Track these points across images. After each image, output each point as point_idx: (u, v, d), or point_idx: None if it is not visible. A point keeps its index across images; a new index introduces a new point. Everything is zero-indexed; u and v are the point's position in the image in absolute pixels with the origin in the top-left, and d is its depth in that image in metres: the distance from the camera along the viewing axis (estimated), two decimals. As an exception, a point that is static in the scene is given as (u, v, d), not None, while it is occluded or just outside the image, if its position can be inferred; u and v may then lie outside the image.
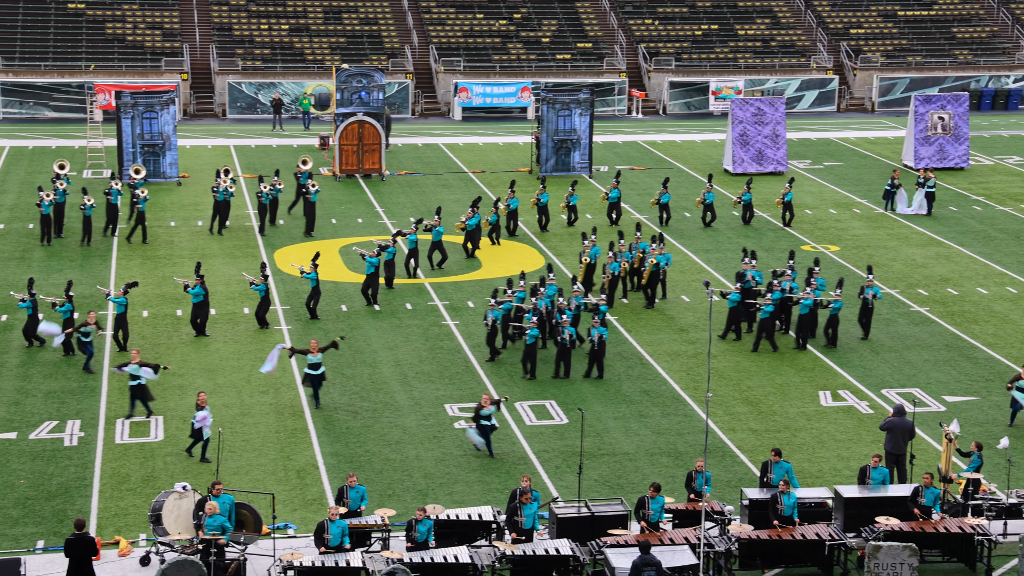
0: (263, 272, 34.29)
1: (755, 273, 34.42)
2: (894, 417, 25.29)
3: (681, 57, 67.32)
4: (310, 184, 42.88)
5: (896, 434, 25.09)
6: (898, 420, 25.18)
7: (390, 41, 66.80)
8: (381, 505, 24.06)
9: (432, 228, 38.77)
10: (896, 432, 25.10)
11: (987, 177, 51.53)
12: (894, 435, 25.11)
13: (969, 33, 69.70)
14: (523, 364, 30.75)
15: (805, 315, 32.77)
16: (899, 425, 25.13)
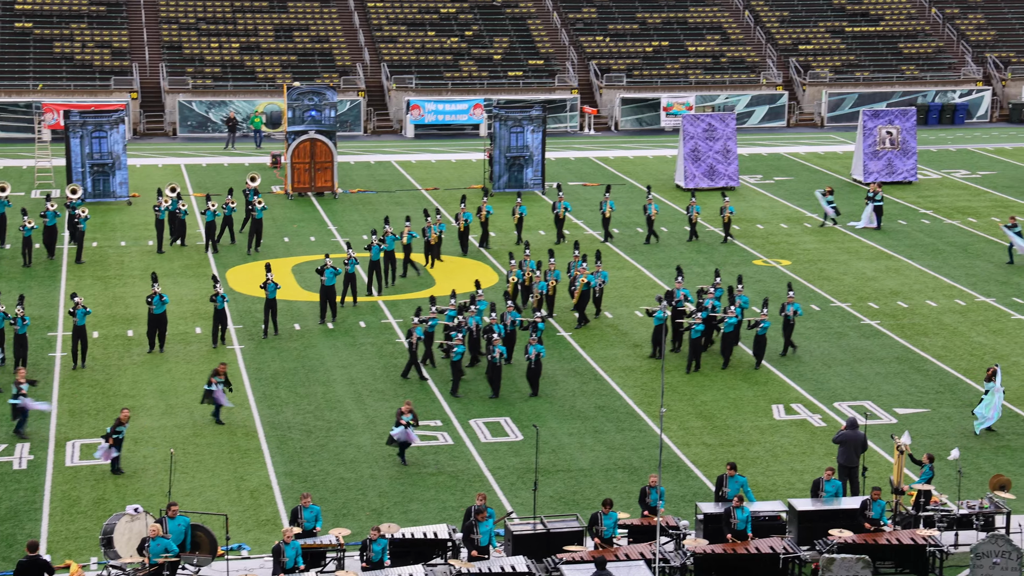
0: (216, 285, 34.18)
1: (685, 292, 34.22)
2: (847, 430, 25.46)
3: (632, 74, 67.66)
4: (256, 201, 42.75)
5: (849, 447, 25.27)
6: (851, 433, 25.37)
7: (341, 59, 66.71)
8: (336, 525, 23.94)
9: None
10: (849, 445, 25.28)
11: (935, 191, 52.08)
12: (847, 448, 25.29)
13: (915, 49, 70.50)
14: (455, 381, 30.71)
15: (729, 334, 32.51)
16: (852, 438, 25.31)
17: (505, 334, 32.54)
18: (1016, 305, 37.46)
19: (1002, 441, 28.33)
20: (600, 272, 35.90)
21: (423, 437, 28.27)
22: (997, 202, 50.02)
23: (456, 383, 30.70)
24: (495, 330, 31.24)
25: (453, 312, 32.21)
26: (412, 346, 31.50)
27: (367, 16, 69.36)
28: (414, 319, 31.72)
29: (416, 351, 31.56)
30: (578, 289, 35.27)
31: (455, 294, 33.59)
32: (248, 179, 45.16)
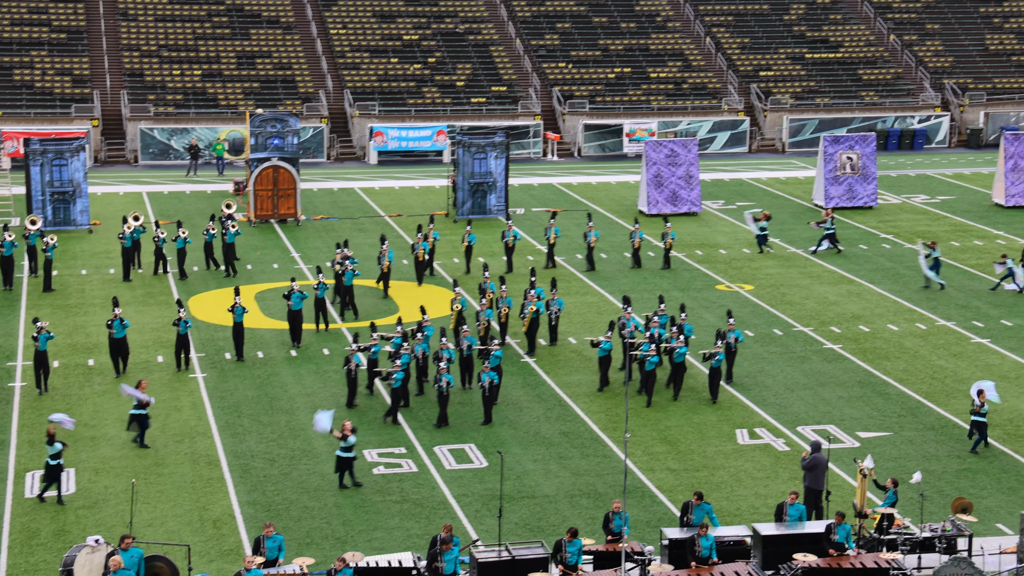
0: (180, 310, 34.04)
1: (635, 322, 33.97)
2: (815, 454, 25.59)
3: (595, 100, 67.95)
4: (229, 225, 42.85)
5: (818, 471, 25.41)
6: (819, 456, 25.51)
7: (304, 86, 66.67)
8: (300, 554, 23.78)
9: None
10: (818, 469, 25.42)
11: (895, 215, 52.49)
12: (817, 472, 25.41)
13: (875, 75, 71.17)
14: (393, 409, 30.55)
15: (680, 364, 32.12)
16: (821, 461, 25.46)
17: (461, 359, 32.53)
18: (976, 329, 37.76)
19: (963, 464, 28.50)
20: (556, 299, 35.79)
21: (387, 465, 28.18)
22: (956, 227, 50.46)
23: (394, 410, 30.52)
24: (446, 355, 31.21)
25: (399, 340, 31.95)
26: (351, 373, 31.31)
27: (330, 43, 69.41)
28: (352, 346, 31.55)
29: (356, 378, 31.37)
30: (527, 316, 35.11)
31: (400, 321, 33.45)
32: (224, 206, 45.22)
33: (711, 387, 32.01)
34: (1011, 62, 72.72)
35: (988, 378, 33.48)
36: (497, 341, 32.18)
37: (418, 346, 32.34)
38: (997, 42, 73.82)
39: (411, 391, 31.86)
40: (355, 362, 31.18)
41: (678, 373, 32.20)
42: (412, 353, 32.23)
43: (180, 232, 42.47)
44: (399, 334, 32.19)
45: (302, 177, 53.77)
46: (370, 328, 33.10)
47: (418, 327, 33.03)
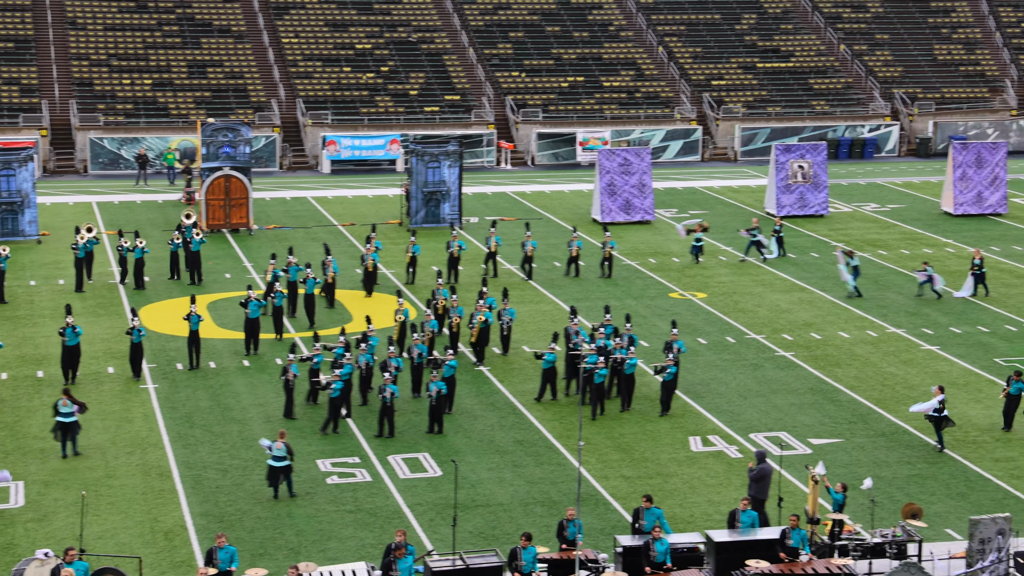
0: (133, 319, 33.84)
1: (581, 331, 33.51)
2: (761, 464, 25.74)
3: (548, 109, 68.10)
4: (194, 232, 43.01)
5: (765, 481, 25.56)
6: (766, 467, 25.68)
7: (256, 95, 66.39)
8: (253, 565, 23.65)
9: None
10: (765, 480, 25.57)
11: (846, 224, 52.90)
12: (763, 483, 25.57)
13: (825, 84, 71.75)
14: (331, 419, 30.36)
15: (630, 376, 31.86)
16: (767, 472, 25.63)
17: (411, 368, 32.45)
18: (926, 336, 38.11)
19: (914, 470, 28.74)
20: (507, 309, 35.73)
21: (341, 475, 28.08)
22: (906, 235, 50.93)
23: (329, 420, 30.32)
24: (394, 363, 31.18)
25: (341, 350, 31.68)
26: (288, 383, 31.10)
27: (282, 52, 69.18)
28: (289, 356, 31.34)
29: (293, 388, 31.14)
30: (476, 327, 35.01)
31: (344, 331, 33.28)
32: (183, 216, 45.02)
33: (663, 401, 31.77)
34: (959, 72, 73.56)
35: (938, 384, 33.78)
36: (451, 351, 32.06)
37: (362, 356, 32.16)
38: (945, 52, 74.66)
39: (355, 401, 31.76)
40: (293, 372, 30.98)
41: (628, 385, 32.06)
42: (356, 363, 32.10)
43: (138, 242, 42.18)
44: (342, 344, 32.02)
45: (254, 186, 53.52)
46: (313, 338, 32.94)
47: (363, 337, 32.89)
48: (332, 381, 30.24)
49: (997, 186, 54.01)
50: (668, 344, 32.76)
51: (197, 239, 42.98)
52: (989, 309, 40.45)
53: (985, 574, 23.34)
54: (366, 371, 32.15)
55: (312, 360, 31.61)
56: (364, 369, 32.13)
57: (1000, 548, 23.41)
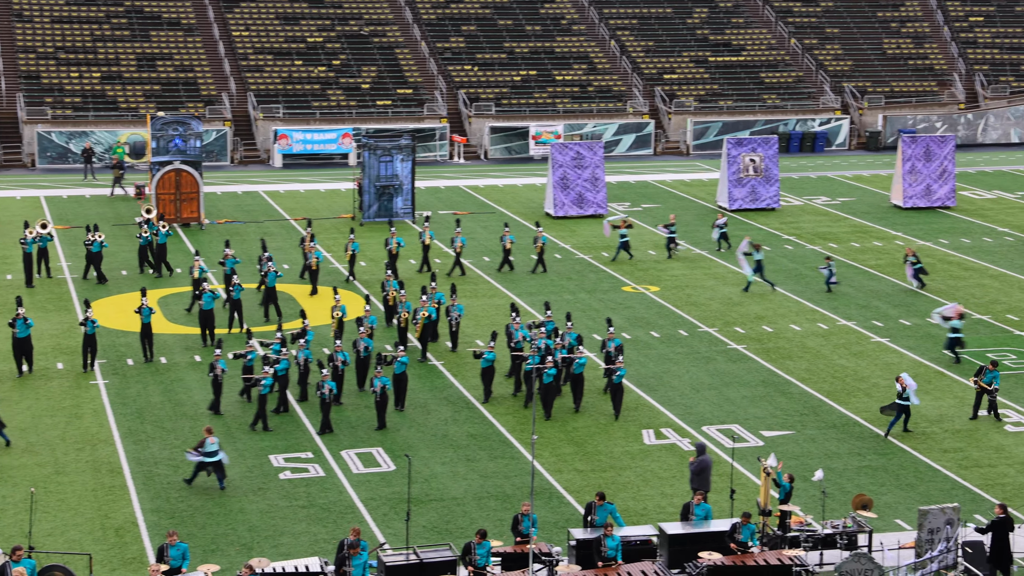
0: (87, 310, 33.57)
1: (523, 331, 33.23)
2: (701, 456, 25.89)
3: (501, 102, 68.07)
4: (161, 225, 43.02)
5: (705, 473, 25.73)
6: (705, 459, 25.84)
7: (207, 88, 65.94)
8: (205, 561, 23.51)
9: None
10: (705, 472, 25.73)
11: (797, 217, 53.24)
12: (703, 475, 25.72)
13: (776, 78, 72.16)
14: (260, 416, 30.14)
15: (579, 375, 31.28)
16: (707, 464, 25.79)
17: (357, 362, 32.34)
18: (876, 328, 38.42)
19: (864, 461, 28.99)
20: (456, 305, 35.63)
21: (294, 470, 27.98)
22: (857, 228, 51.32)
23: (258, 417, 30.09)
24: (341, 357, 31.09)
25: (278, 346, 31.41)
26: (216, 379, 30.82)
27: (232, 45, 68.73)
28: (215, 351, 31.10)
29: (221, 384, 30.87)
30: (420, 322, 34.86)
31: (281, 327, 33.08)
32: (144, 211, 44.69)
33: (615, 404, 31.26)
34: (908, 66, 74.19)
35: (887, 376, 34.12)
36: (402, 348, 31.92)
37: (301, 352, 31.90)
38: (895, 46, 75.27)
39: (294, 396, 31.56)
40: (220, 368, 30.74)
41: (578, 385, 31.62)
42: (295, 359, 31.88)
43: (96, 236, 41.83)
44: (278, 340, 31.78)
45: (205, 180, 53.17)
46: (246, 335, 32.68)
47: (301, 332, 32.64)
48: (261, 378, 29.99)
49: (946, 179, 54.52)
50: (603, 343, 32.48)
51: (164, 231, 42.96)
52: (939, 301, 40.83)
53: (934, 564, 23.59)
54: (304, 367, 31.88)
55: (246, 357, 31.31)
56: (303, 365, 31.88)
57: (949, 538, 23.66)
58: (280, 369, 30.71)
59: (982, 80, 73.36)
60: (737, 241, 46.82)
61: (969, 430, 30.71)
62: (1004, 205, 55.41)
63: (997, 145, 71.10)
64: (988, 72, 74.04)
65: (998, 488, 27.56)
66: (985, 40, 75.98)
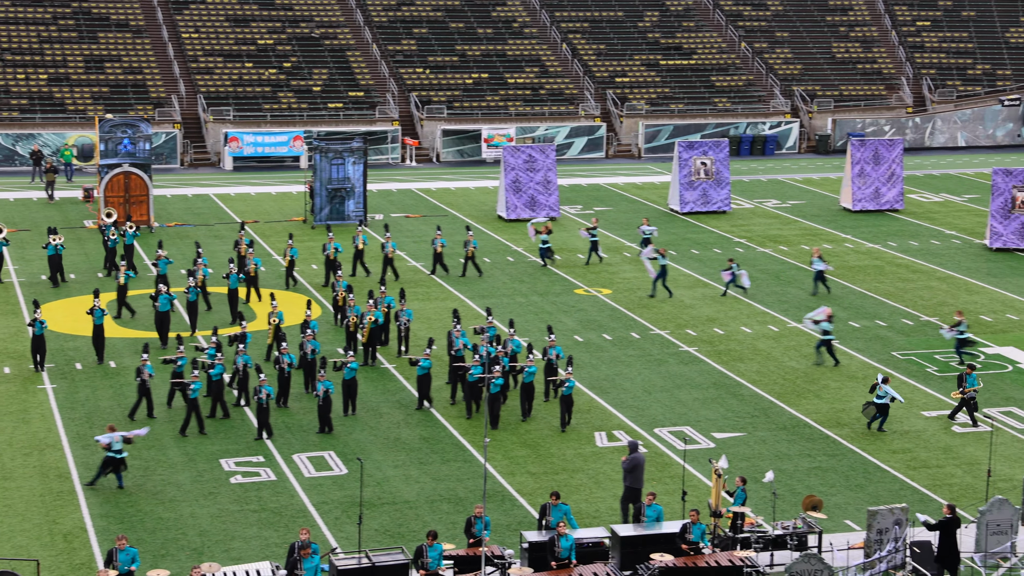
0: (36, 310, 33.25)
1: (464, 339, 32.76)
2: (633, 455, 25.98)
3: (453, 105, 68.05)
4: (128, 226, 43.15)
5: (638, 471, 25.84)
6: (638, 457, 25.94)
7: (156, 91, 65.48)
8: (155, 566, 23.34)
9: None
10: (638, 470, 25.85)
11: (748, 220, 53.56)
12: (636, 473, 25.84)
13: (727, 82, 72.59)
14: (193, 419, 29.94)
15: (528, 384, 30.85)
16: (639, 462, 25.90)
17: (304, 364, 32.18)
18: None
19: (814, 462, 29.20)
20: (404, 311, 35.48)
21: (245, 474, 27.83)
22: (807, 230, 51.70)
23: (187, 422, 29.84)
24: (287, 359, 30.99)
25: (212, 351, 31.14)
26: (143, 384, 30.46)
27: (182, 47, 68.28)
28: (143, 355, 30.72)
29: (149, 388, 30.53)
30: (366, 327, 34.67)
31: (216, 331, 32.82)
32: (104, 215, 44.28)
33: (564, 415, 30.66)
34: (856, 70, 74.84)
35: (837, 378, 34.40)
36: (351, 353, 31.74)
37: (240, 357, 31.58)
38: (843, 50, 75.91)
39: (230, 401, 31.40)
40: (148, 372, 30.43)
41: (528, 393, 31.16)
42: (234, 364, 31.61)
43: (53, 239, 41.45)
44: (213, 344, 31.50)
45: (155, 183, 52.79)
46: (176, 340, 32.43)
47: (239, 337, 32.33)
48: (191, 382, 29.76)
49: (894, 182, 55.04)
50: (545, 350, 31.91)
51: (131, 232, 43.03)
52: (886, 303, 41.21)
53: (883, 564, 23.79)
54: (243, 372, 31.60)
55: (176, 362, 30.97)
56: (242, 370, 31.62)
57: (897, 538, 23.88)
58: (215, 374, 30.41)
59: (929, 84, 74.14)
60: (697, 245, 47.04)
61: (917, 431, 31.00)
62: (951, 208, 56.01)
63: (944, 149, 71.87)
64: (935, 76, 74.84)
65: (945, 488, 27.84)
66: (932, 45, 76.80)
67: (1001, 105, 72.47)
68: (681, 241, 49.26)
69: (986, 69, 75.43)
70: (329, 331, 37.19)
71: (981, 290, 43.05)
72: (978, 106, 72.77)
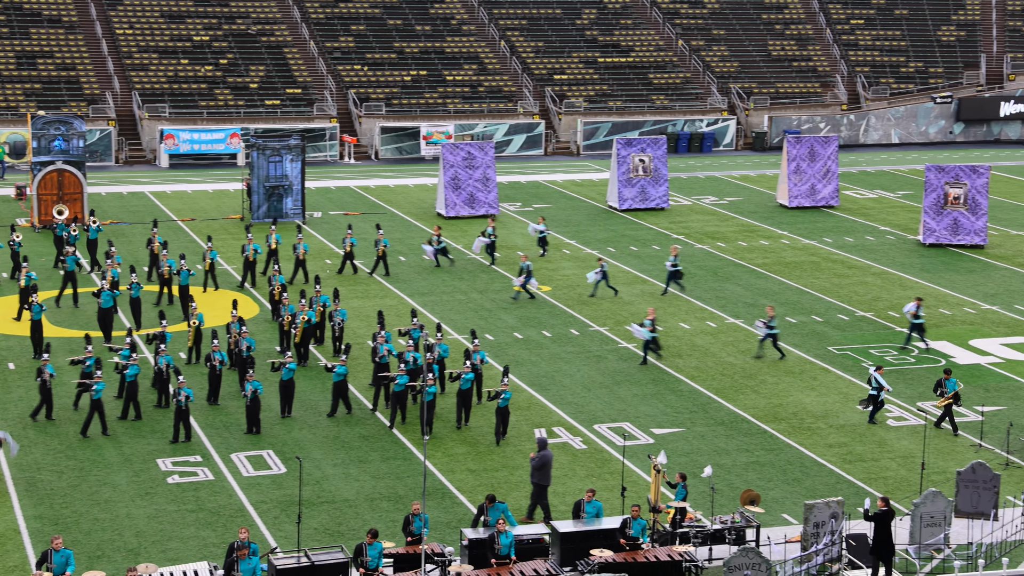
0: None
1: (389, 346, 32.05)
2: (542, 452, 26.06)
3: (391, 102, 67.84)
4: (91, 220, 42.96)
5: (546, 468, 25.93)
6: (547, 454, 26.03)
7: (90, 87, 64.72)
8: (90, 567, 23.09)
9: None
10: (547, 467, 25.94)
11: (686, 217, 53.86)
12: (544, 470, 25.93)
13: (665, 79, 72.94)
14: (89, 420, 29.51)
15: (466, 391, 30.26)
16: (548, 459, 26.00)
17: (240, 362, 31.96)
18: (763, 325, 38.99)
19: (752, 457, 29.42)
20: (339, 311, 35.21)
21: (182, 474, 27.59)
22: (744, 227, 52.07)
23: (88, 423, 29.46)
24: (219, 357, 30.75)
25: (127, 351, 30.68)
26: (44, 384, 30.02)
27: (116, 44, 67.54)
28: (43, 356, 30.31)
29: (51, 389, 30.08)
30: (300, 326, 34.42)
31: (131, 332, 32.41)
32: (55, 212, 43.65)
33: (499, 427, 29.84)
34: (792, 67, 75.48)
35: (775, 373, 34.69)
36: (289, 353, 31.49)
37: (161, 358, 31.19)
38: (779, 48, 76.53)
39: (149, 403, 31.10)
40: (48, 372, 29.98)
41: (465, 401, 30.46)
42: (155, 365, 31.27)
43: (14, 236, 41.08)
44: (128, 345, 31.05)
45: (89, 181, 52.19)
46: (84, 340, 32.08)
47: (158, 336, 31.84)
48: (94, 383, 29.35)
49: (829, 179, 55.57)
50: (467, 352, 31.21)
51: (94, 227, 42.90)
52: (822, 299, 41.61)
53: (819, 557, 24.02)
54: (165, 373, 31.14)
55: (84, 363, 30.52)
56: (164, 371, 31.21)
57: (833, 531, 24.13)
58: (129, 375, 30.06)
59: (863, 82, 74.93)
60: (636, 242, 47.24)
61: (853, 425, 31.33)
62: (886, 204, 56.65)
63: (879, 145, 72.69)
64: (869, 74, 75.65)
65: (880, 481, 28.16)
66: (866, 42, 77.62)
67: (934, 102, 73.41)
68: (620, 238, 49.45)
69: (919, 67, 76.38)
70: (268, 328, 36.97)
71: (915, 285, 43.58)
72: (911, 103, 73.67)
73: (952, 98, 73.56)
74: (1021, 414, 31.85)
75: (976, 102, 73.83)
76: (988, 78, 75.89)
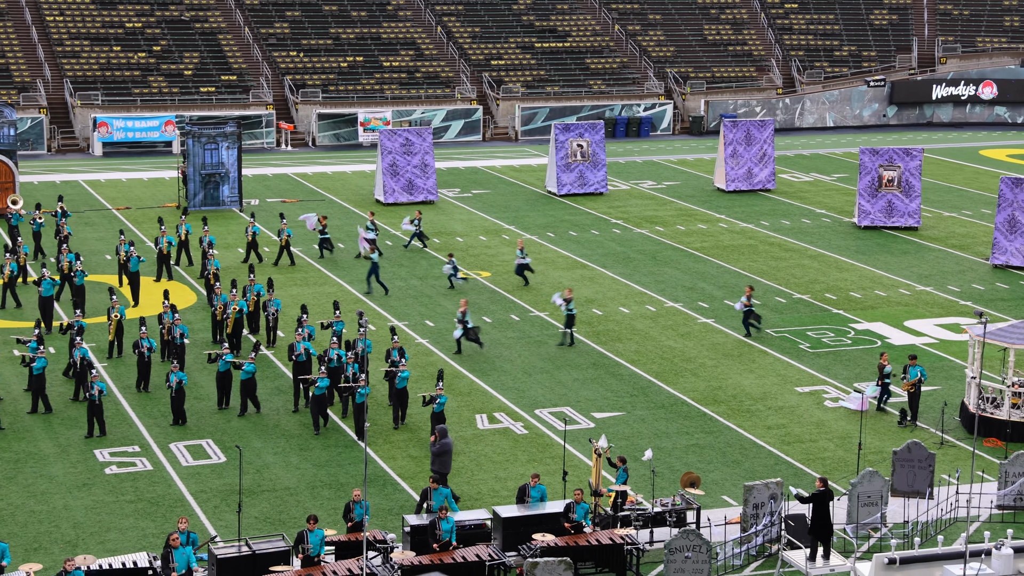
0: None
1: (307, 344, 31.01)
2: (443, 440, 26.13)
3: (328, 89, 67.45)
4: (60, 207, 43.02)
5: (446, 456, 26.02)
6: (447, 442, 26.11)
7: (20, 75, 63.77)
8: (27, 560, 22.82)
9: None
10: (446, 454, 26.01)
11: (624, 201, 54.04)
12: (444, 457, 26.01)
13: (602, 64, 73.09)
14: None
15: (402, 390, 29.64)
16: (448, 447, 26.13)
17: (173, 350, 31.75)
18: (701, 309, 39.27)
19: (691, 440, 29.63)
20: (273, 300, 34.94)
21: (120, 464, 27.33)
22: (682, 211, 52.34)
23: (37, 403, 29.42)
24: (146, 344, 30.54)
25: (35, 344, 30.12)
26: None
27: (46, 30, 66.58)
28: None
29: None
30: (231, 316, 34.09)
31: (39, 324, 31.91)
32: (9, 202, 43.58)
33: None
34: (728, 52, 75.91)
35: (713, 356, 34.93)
36: (226, 345, 31.20)
37: (77, 351, 30.76)
38: (715, 32, 76.93)
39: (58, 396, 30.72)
40: None
41: (402, 399, 29.83)
42: (71, 357, 30.94)
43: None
44: (35, 337, 30.49)
45: (21, 170, 51.46)
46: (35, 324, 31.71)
47: (79, 331, 31.41)
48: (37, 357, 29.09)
49: (766, 163, 55.98)
50: (388, 352, 30.65)
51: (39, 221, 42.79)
52: (760, 281, 41.93)
53: (759, 537, 24.26)
54: (81, 366, 30.72)
55: (27, 343, 30.20)
56: (78, 363, 30.78)
57: (772, 512, 24.36)
58: (36, 368, 29.67)
59: (798, 65, 75.52)
60: (575, 227, 47.31)
61: (791, 407, 31.63)
62: (821, 187, 57.16)
63: (814, 129, 73.31)
64: (803, 58, 76.25)
65: (818, 462, 28.47)
66: (800, 27, 78.21)
67: (867, 86, 74.13)
68: (559, 223, 49.54)
69: (852, 50, 77.08)
70: (206, 316, 36.70)
71: (850, 267, 44.04)
72: (845, 87, 74.36)
73: (885, 81, 74.34)
74: (955, 394, 32.31)
75: (909, 85, 74.67)
76: (920, 61, 76.77)
